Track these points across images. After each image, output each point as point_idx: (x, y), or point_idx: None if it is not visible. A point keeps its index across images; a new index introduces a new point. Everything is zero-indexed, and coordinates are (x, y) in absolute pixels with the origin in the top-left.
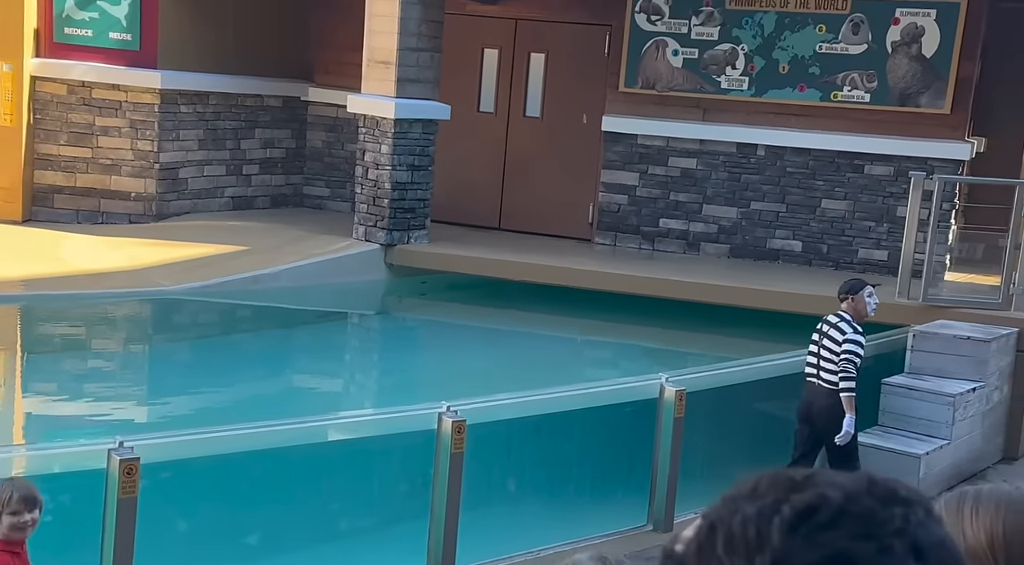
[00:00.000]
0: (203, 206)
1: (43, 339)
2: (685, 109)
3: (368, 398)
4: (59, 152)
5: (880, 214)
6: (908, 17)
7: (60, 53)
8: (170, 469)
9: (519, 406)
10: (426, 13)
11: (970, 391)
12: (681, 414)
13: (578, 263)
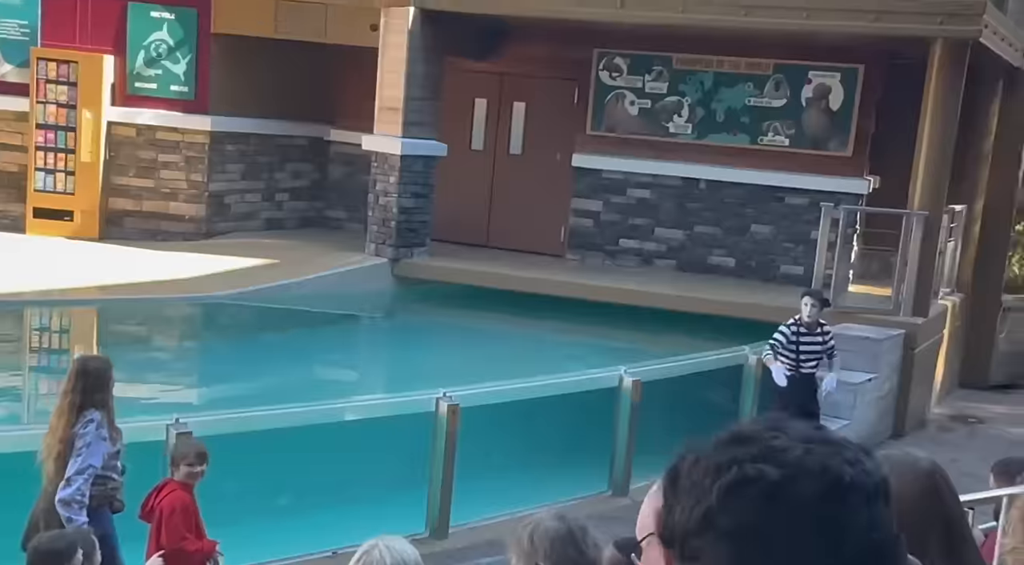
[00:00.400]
0: (243, 227)
1: (115, 334)
2: (640, 149)
3: (378, 385)
4: (129, 183)
5: (797, 237)
6: (819, 78)
7: (131, 103)
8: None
9: (503, 393)
10: (428, 69)
11: (867, 381)
12: (637, 400)
13: (552, 275)
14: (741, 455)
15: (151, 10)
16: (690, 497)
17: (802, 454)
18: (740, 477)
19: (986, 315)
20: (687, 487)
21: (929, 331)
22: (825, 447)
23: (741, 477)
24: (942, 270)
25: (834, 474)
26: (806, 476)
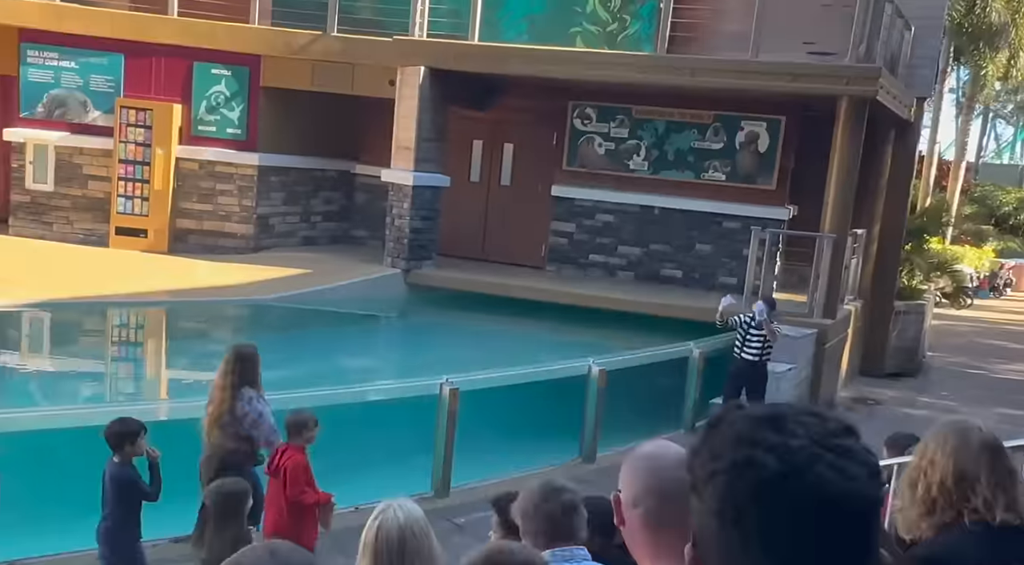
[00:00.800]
0: (284, 243)
1: (180, 330)
2: (606, 182)
3: (393, 372)
4: (192, 206)
5: (732, 254)
6: (749, 126)
7: (195, 142)
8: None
9: (495, 380)
10: (435, 117)
11: (788, 371)
12: (603, 385)
13: (535, 283)
14: (763, 438)
15: (212, 68)
16: (714, 449)
17: (808, 459)
18: (747, 458)
19: (882, 317)
20: (719, 438)
21: (837, 330)
22: (835, 457)
23: (748, 459)
24: (847, 281)
25: (825, 485)
26: (798, 481)
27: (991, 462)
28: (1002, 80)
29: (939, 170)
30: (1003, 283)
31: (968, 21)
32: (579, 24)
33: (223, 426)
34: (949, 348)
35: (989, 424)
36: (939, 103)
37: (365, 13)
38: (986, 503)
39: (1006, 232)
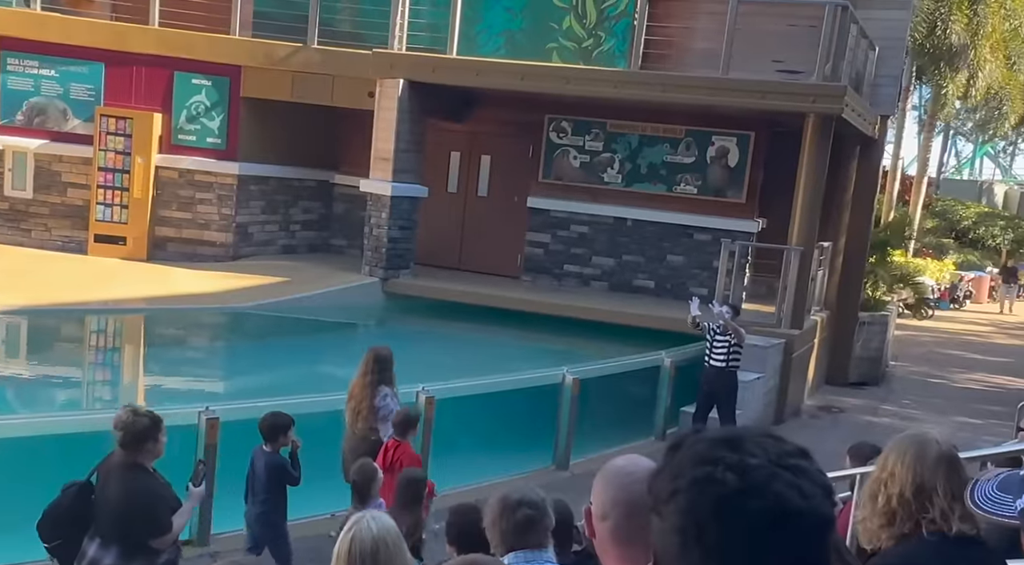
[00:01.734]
0: (263, 251)
1: (158, 337)
2: (581, 194)
3: None
4: (171, 215)
5: (703, 265)
6: (720, 141)
7: (174, 151)
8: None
9: (471, 388)
10: (413, 128)
11: (756, 379)
12: (576, 393)
13: (511, 292)
14: (722, 457)
15: (192, 78)
16: (674, 470)
17: (766, 477)
18: (708, 475)
19: (847, 328)
20: (679, 459)
21: (803, 340)
22: (792, 476)
23: (708, 476)
24: (813, 293)
25: (782, 502)
26: (757, 497)
27: (948, 474)
28: (962, 99)
29: (902, 185)
30: (963, 295)
31: (929, 42)
32: (555, 40)
33: (366, 418)
34: (911, 358)
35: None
36: (902, 120)
37: (345, 26)
38: (943, 514)
39: (966, 245)
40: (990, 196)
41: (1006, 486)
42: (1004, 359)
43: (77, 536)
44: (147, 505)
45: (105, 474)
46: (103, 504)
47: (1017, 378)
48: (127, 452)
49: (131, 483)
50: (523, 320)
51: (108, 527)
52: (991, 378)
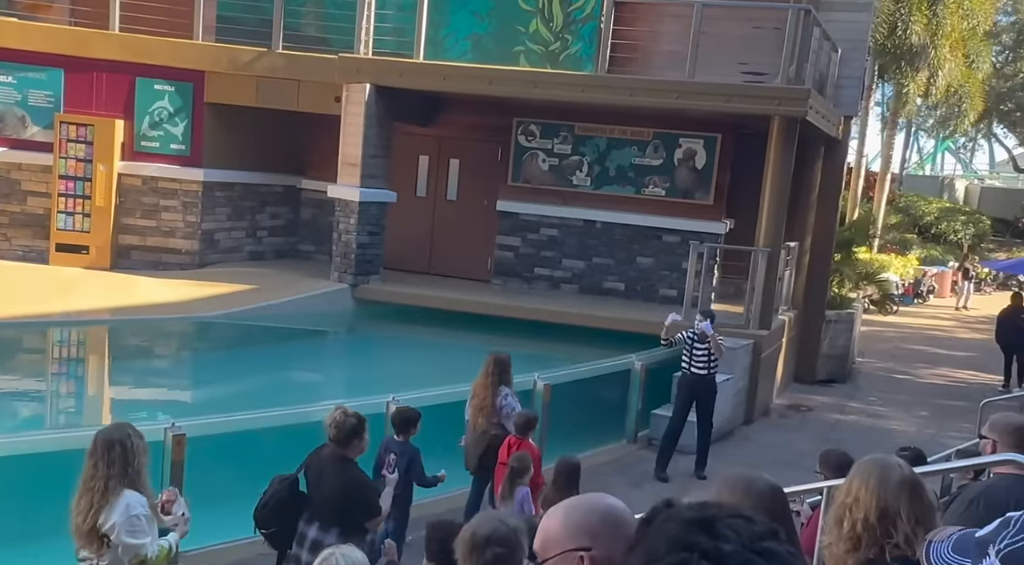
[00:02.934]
0: (229, 258)
1: (123, 348)
2: (550, 197)
3: (340, 387)
4: (135, 222)
5: (672, 266)
6: (687, 143)
7: (137, 158)
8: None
9: (441, 396)
10: (380, 133)
11: (726, 380)
12: (547, 399)
13: (481, 297)
14: (697, 543)
15: (155, 83)
16: (650, 551)
17: (741, 563)
18: (683, 562)
19: (814, 327)
20: (651, 538)
21: (772, 340)
22: (764, 561)
23: (683, 562)
24: (781, 292)
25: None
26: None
27: (911, 498)
28: (923, 97)
29: (866, 181)
30: (926, 290)
31: (891, 42)
32: (522, 43)
33: (487, 416)
34: (877, 354)
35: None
36: (865, 118)
37: (310, 30)
38: (907, 539)
39: (928, 240)
40: (951, 191)
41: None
42: (967, 353)
43: (290, 523)
44: (363, 493)
45: (317, 467)
46: (321, 493)
47: (980, 372)
48: (339, 447)
49: (347, 475)
50: (494, 324)
51: (328, 513)
52: (955, 373)
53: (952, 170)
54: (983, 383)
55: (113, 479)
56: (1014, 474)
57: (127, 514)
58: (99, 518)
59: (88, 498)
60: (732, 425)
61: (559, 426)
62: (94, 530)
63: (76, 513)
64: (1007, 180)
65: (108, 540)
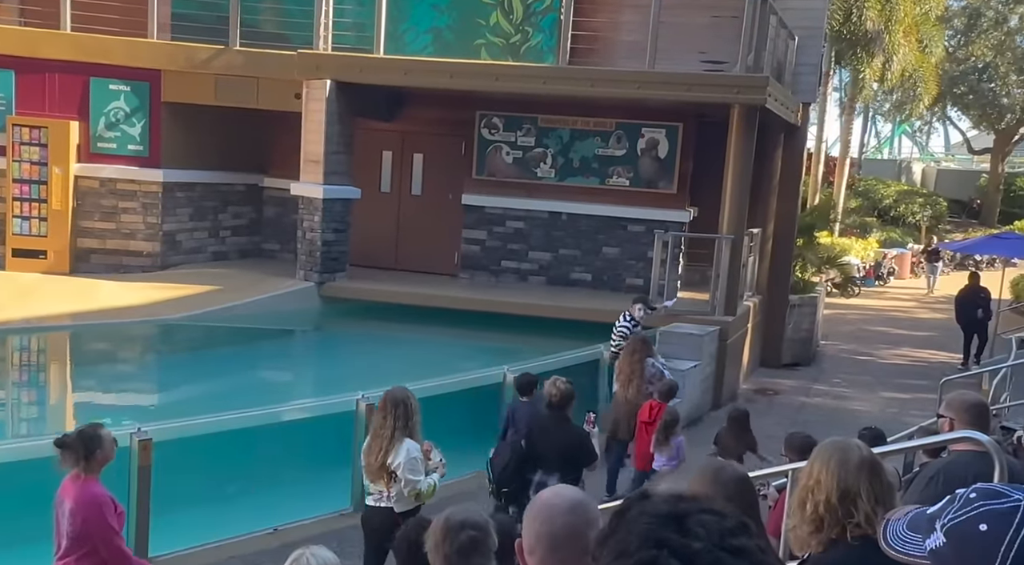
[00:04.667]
0: (192, 259)
1: (85, 354)
2: (515, 189)
3: (310, 386)
4: (94, 225)
5: (638, 256)
6: (649, 133)
7: (94, 160)
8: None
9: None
10: (342, 129)
11: (693, 367)
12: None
13: (448, 291)
14: (667, 539)
15: (109, 83)
16: (620, 545)
17: (709, 562)
18: (652, 559)
19: (778, 312)
20: (625, 529)
21: (737, 326)
22: (732, 558)
23: (653, 560)
24: (745, 278)
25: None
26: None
27: (870, 478)
28: (879, 82)
29: (826, 166)
30: (887, 272)
31: (846, 29)
32: (483, 36)
33: (636, 385)
34: (840, 336)
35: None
36: (824, 104)
37: (268, 27)
38: (867, 518)
39: (888, 223)
40: (909, 174)
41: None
42: (927, 333)
43: (521, 478)
44: (588, 445)
45: (540, 427)
46: (549, 447)
47: (940, 352)
48: (559, 409)
49: (570, 431)
50: (462, 318)
51: (555, 461)
52: (916, 353)
53: (909, 153)
54: (943, 362)
55: (398, 430)
56: (972, 450)
57: (408, 456)
58: (387, 459)
59: (378, 443)
60: (700, 411)
61: None
62: (383, 468)
63: (368, 455)
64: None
65: (394, 476)
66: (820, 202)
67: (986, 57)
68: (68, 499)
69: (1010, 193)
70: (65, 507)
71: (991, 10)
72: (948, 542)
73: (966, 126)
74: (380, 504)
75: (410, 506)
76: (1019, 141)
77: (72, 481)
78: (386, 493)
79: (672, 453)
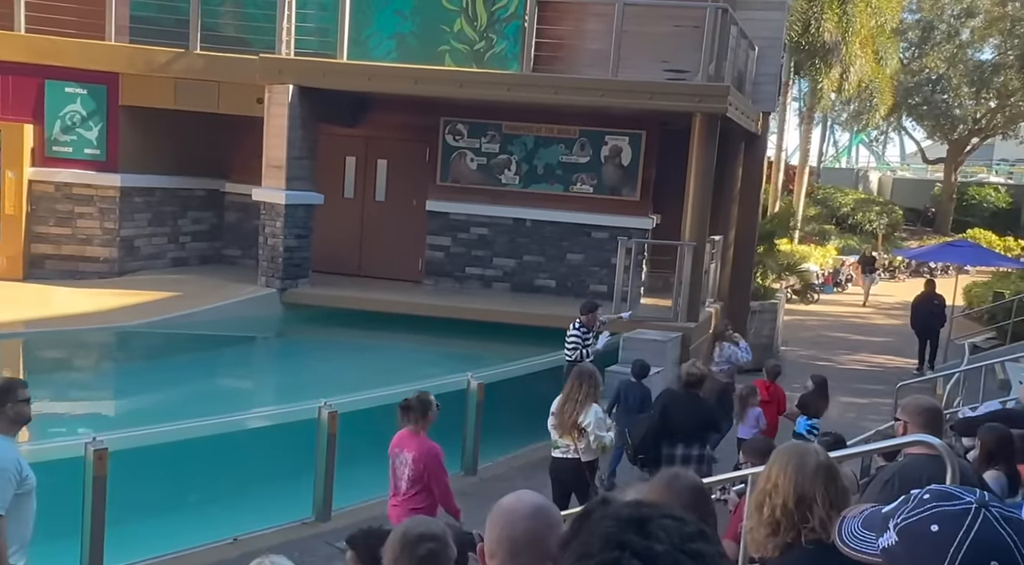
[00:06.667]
0: (151, 265)
1: (39, 362)
2: (479, 196)
3: (271, 394)
4: (48, 231)
5: (602, 262)
6: (613, 141)
7: (49, 164)
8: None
9: (375, 399)
10: (305, 134)
11: (656, 373)
12: (481, 398)
13: (413, 298)
14: (629, 541)
15: (65, 86)
16: (584, 547)
17: (672, 563)
18: (615, 561)
19: (739, 317)
20: (587, 532)
21: (699, 332)
22: (692, 562)
23: (616, 562)
24: (707, 285)
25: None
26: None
27: (826, 483)
28: (836, 92)
29: (786, 175)
30: (844, 278)
31: (805, 40)
32: (447, 42)
33: (713, 371)
34: (800, 342)
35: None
36: (783, 113)
37: (229, 30)
38: (822, 523)
39: (846, 231)
40: (866, 183)
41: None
42: (884, 339)
43: (657, 447)
44: (718, 418)
45: (678, 405)
46: (686, 421)
47: (896, 357)
48: (692, 388)
49: (705, 407)
50: (426, 325)
51: (693, 434)
52: (873, 358)
53: (866, 162)
54: (899, 367)
55: (588, 396)
56: (925, 454)
57: (596, 416)
58: (579, 418)
59: (571, 404)
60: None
61: (493, 424)
62: (575, 425)
63: (560, 414)
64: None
65: (584, 432)
66: (780, 210)
67: (939, 69)
68: (408, 450)
69: (963, 202)
70: (405, 456)
71: (944, 23)
72: (900, 541)
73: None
74: (568, 455)
75: (595, 457)
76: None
77: (411, 436)
78: (573, 446)
79: (752, 423)
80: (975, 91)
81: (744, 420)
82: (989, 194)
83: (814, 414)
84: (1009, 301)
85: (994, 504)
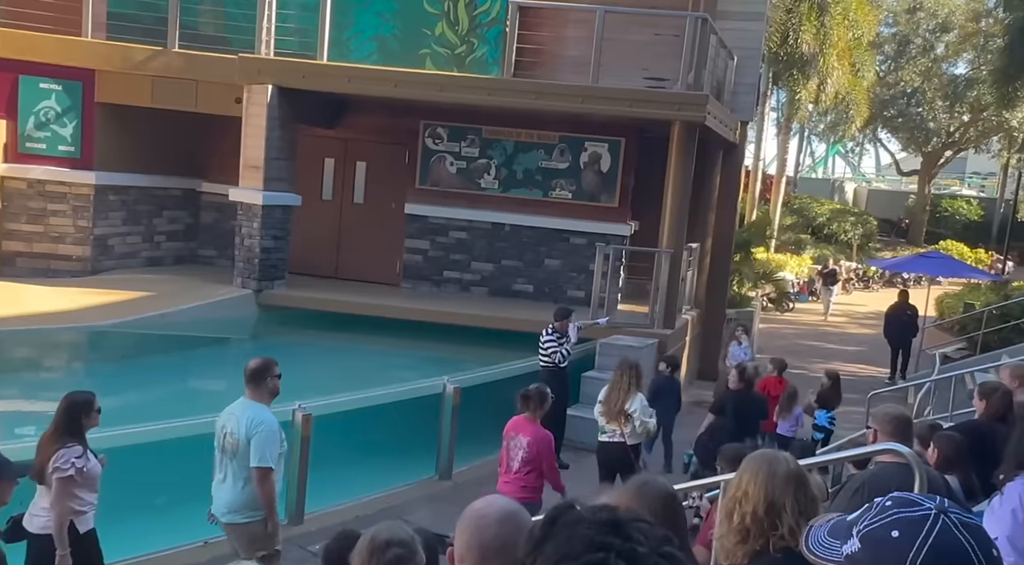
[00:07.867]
0: (125, 265)
1: (7, 361)
2: (458, 200)
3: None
4: (21, 228)
5: (579, 268)
6: (592, 147)
7: (22, 160)
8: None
9: (351, 402)
10: (283, 135)
11: None
12: (457, 403)
13: (390, 301)
14: (611, 543)
15: (40, 82)
16: (561, 546)
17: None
18: (602, 562)
19: (716, 324)
20: (560, 539)
21: (676, 338)
22: (669, 563)
23: (601, 563)
24: (684, 292)
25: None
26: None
27: (796, 491)
28: (814, 103)
29: (763, 184)
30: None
31: (783, 51)
32: (428, 46)
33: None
34: (775, 350)
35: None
36: (761, 123)
37: (208, 29)
38: (791, 530)
39: (821, 240)
40: (842, 193)
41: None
42: (857, 348)
43: (715, 444)
44: (765, 411)
45: (733, 403)
46: (741, 418)
47: (869, 365)
48: (746, 388)
49: (758, 403)
50: (403, 328)
51: (752, 427)
52: (846, 366)
53: (842, 173)
54: (871, 376)
55: (633, 385)
56: (895, 462)
57: (641, 404)
58: (624, 405)
59: (616, 393)
60: None
61: (469, 428)
62: (621, 412)
63: (607, 402)
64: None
65: (630, 417)
66: (757, 218)
67: (914, 82)
68: (524, 434)
69: (936, 214)
70: (521, 439)
71: (919, 38)
72: (863, 547)
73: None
74: (614, 439)
75: (639, 440)
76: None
77: (527, 422)
78: (618, 431)
79: (793, 421)
80: (949, 105)
81: (787, 418)
82: (961, 207)
83: (831, 407)
84: (979, 312)
85: (953, 510)
